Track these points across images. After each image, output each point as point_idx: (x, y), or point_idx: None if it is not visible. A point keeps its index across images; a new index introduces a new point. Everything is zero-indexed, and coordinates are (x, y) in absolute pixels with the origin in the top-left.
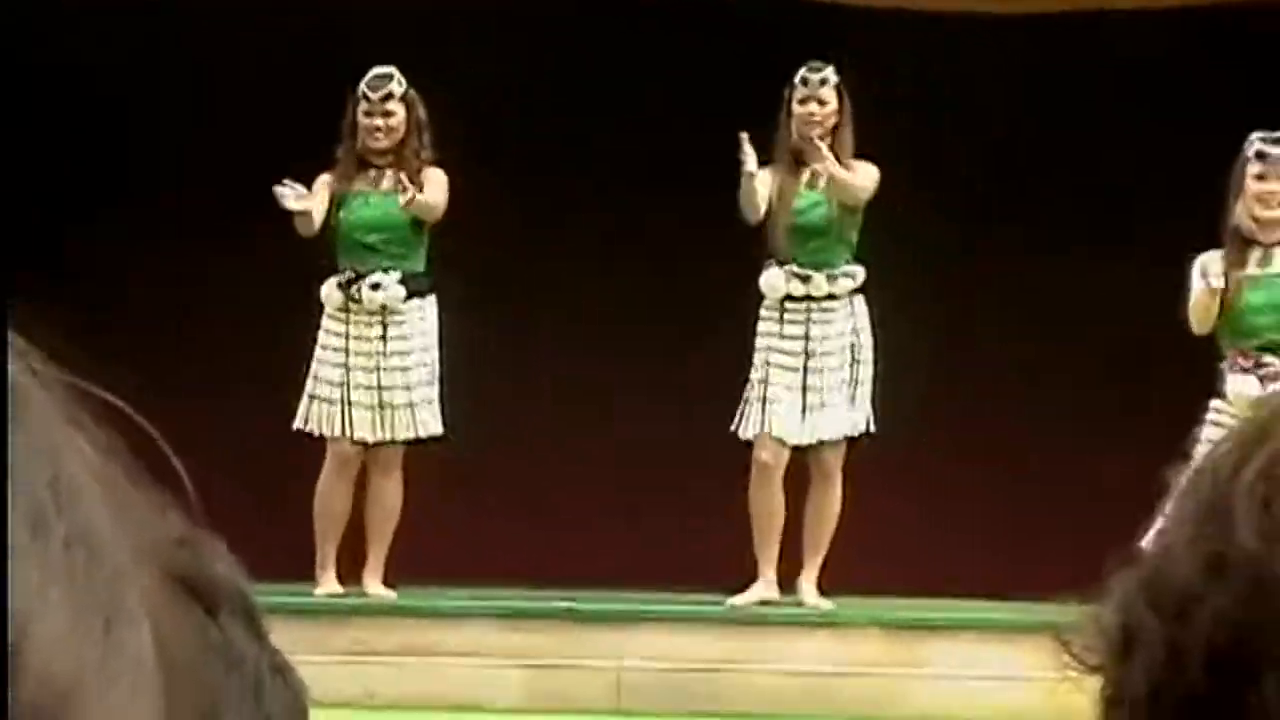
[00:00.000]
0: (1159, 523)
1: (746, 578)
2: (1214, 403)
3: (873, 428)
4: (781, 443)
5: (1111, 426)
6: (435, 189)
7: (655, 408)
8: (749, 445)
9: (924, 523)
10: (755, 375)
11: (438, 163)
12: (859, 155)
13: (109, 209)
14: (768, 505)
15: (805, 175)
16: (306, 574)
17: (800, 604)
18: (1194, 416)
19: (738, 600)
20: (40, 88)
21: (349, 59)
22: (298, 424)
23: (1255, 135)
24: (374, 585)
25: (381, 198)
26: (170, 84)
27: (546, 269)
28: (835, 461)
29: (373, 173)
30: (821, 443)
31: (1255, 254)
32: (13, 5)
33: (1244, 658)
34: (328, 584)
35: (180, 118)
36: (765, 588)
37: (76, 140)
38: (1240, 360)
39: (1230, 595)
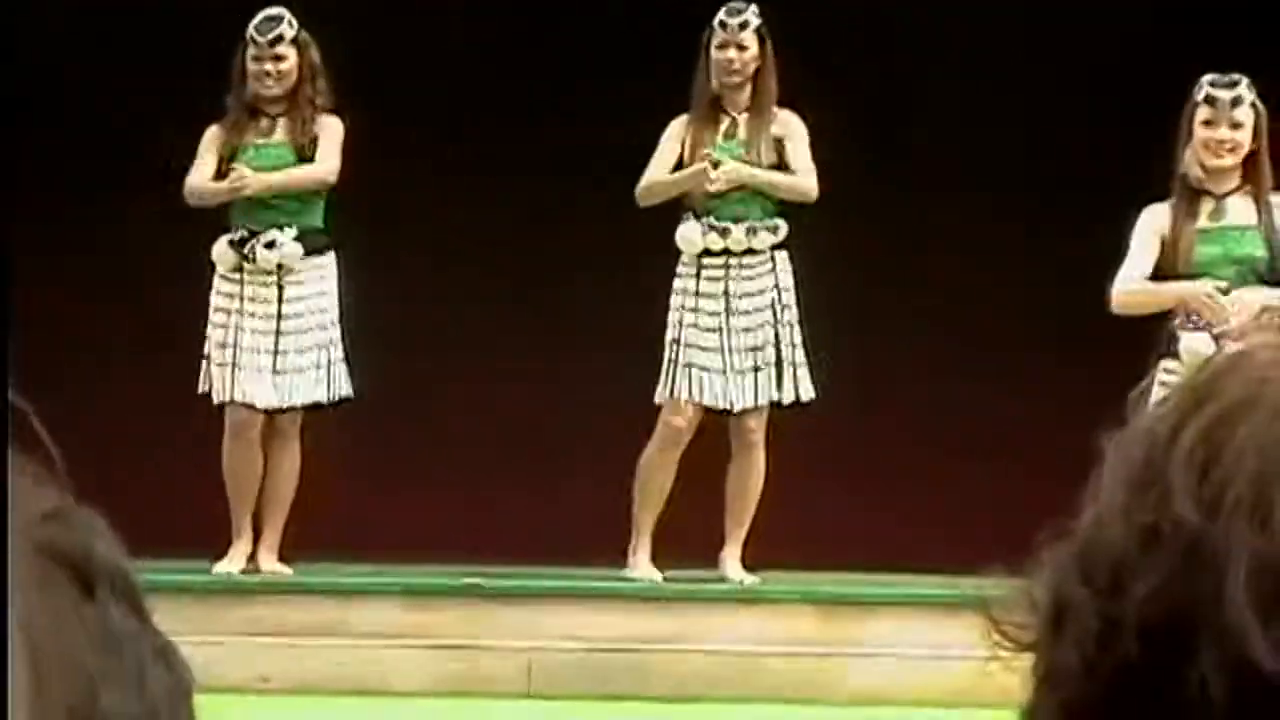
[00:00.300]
0: (1092, 494)
1: (669, 551)
2: (1165, 364)
3: (804, 396)
4: (700, 408)
5: (1056, 395)
6: (328, 145)
7: (570, 371)
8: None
9: (854, 495)
10: (670, 335)
11: (335, 110)
12: (783, 104)
13: None
14: (665, 474)
15: (724, 124)
16: (203, 548)
17: (724, 579)
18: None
19: (634, 572)
20: None
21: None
22: (201, 387)
23: (1205, 78)
24: (269, 561)
25: (276, 149)
26: (45, 29)
27: (454, 224)
28: (758, 429)
29: (265, 122)
30: (743, 409)
31: (1207, 206)
32: None
33: (1179, 632)
34: (238, 556)
35: (52, 58)
36: (646, 564)
37: None
38: (1193, 318)
39: (1165, 568)
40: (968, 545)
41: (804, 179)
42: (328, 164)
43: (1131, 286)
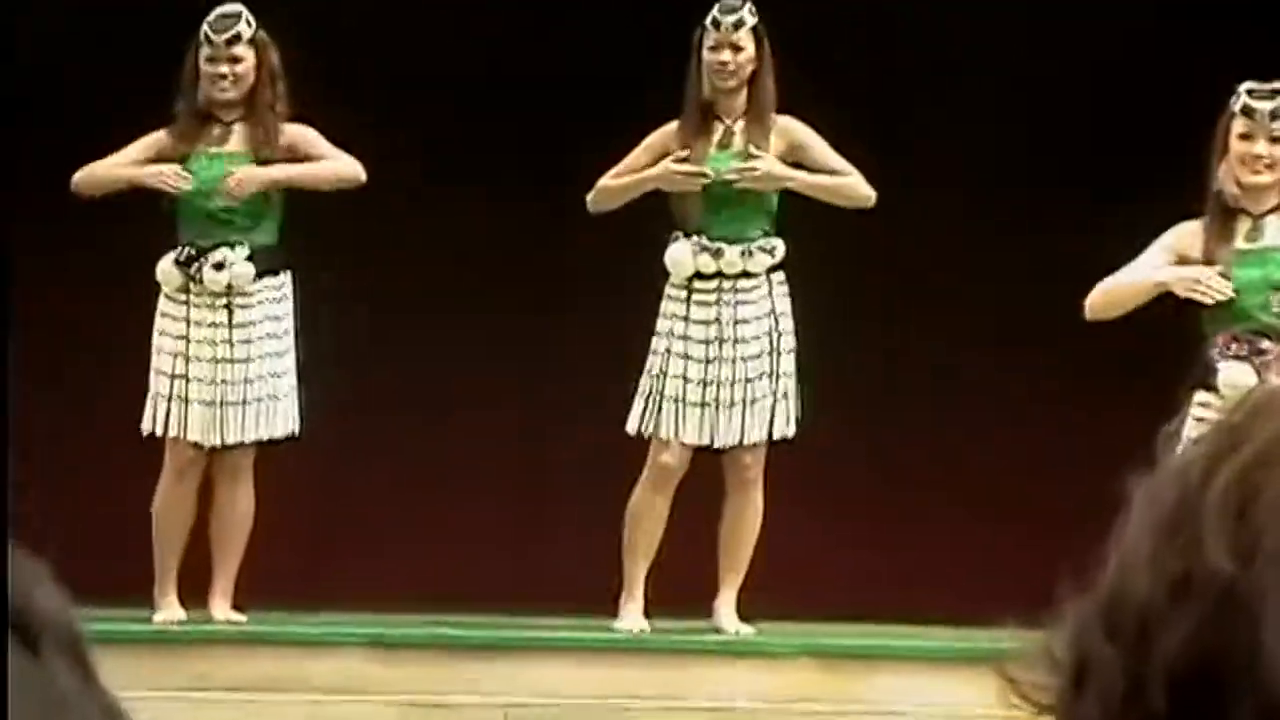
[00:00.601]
0: (1118, 541)
1: (657, 599)
2: (1199, 395)
3: (790, 430)
4: (686, 445)
5: (1078, 434)
6: (324, 146)
7: (552, 402)
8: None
9: (860, 538)
10: (655, 365)
11: (297, 118)
12: (783, 110)
13: None
14: (656, 517)
15: (718, 133)
16: (149, 596)
17: (718, 630)
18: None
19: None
20: None
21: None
22: (145, 426)
23: (1242, 87)
24: (221, 609)
25: (231, 159)
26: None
27: (425, 243)
28: (755, 467)
29: (218, 129)
30: (738, 446)
31: (1244, 225)
32: None
33: (1211, 685)
34: (169, 609)
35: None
36: (636, 614)
37: None
38: (1233, 346)
39: (1196, 618)
40: (983, 596)
41: (857, 180)
42: (350, 162)
43: (1104, 283)
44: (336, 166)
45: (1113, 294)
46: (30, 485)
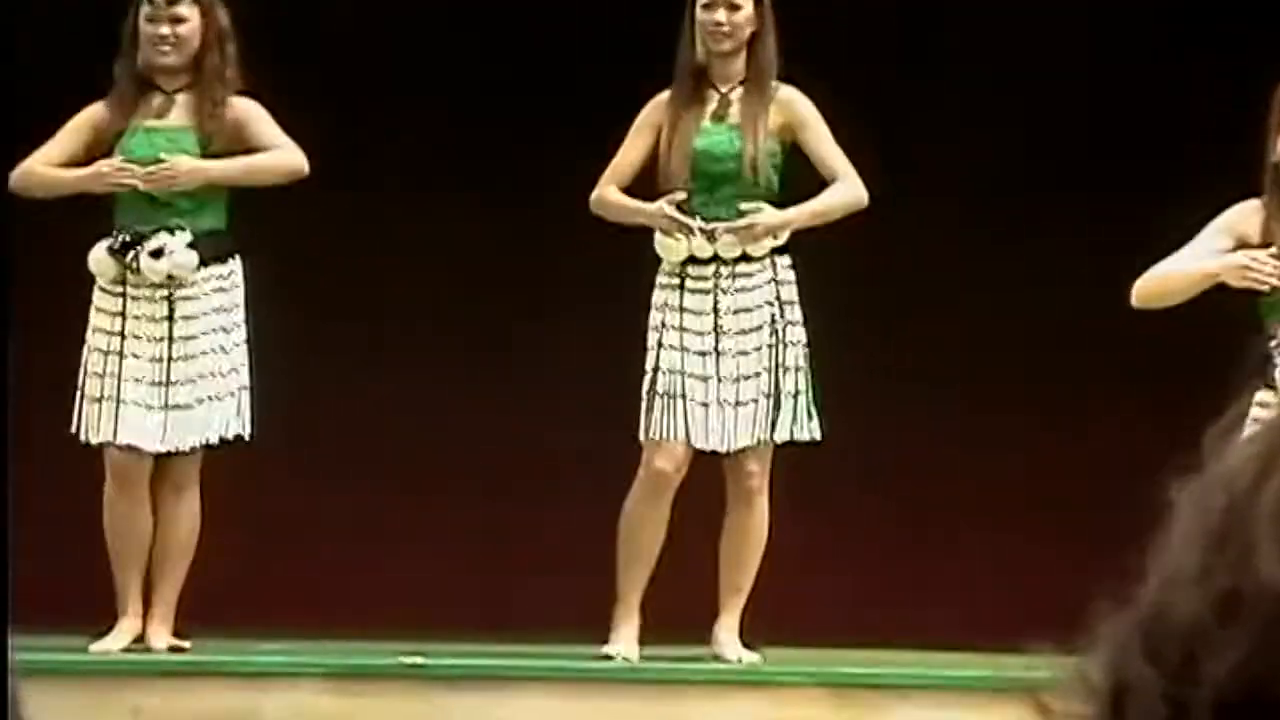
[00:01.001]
0: (1159, 553)
1: (650, 624)
2: (1260, 395)
3: (815, 433)
4: (689, 447)
5: (1114, 438)
6: (271, 130)
7: (535, 404)
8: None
9: (875, 555)
10: (649, 361)
11: (248, 91)
12: (786, 79)
13: None
14: (653, 529)
15: (712, 102)
16: (85, 621)
17: (718, 658)
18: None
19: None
20: None
21: None
22: (83, 435)
23: None
24: (161, 636)
25: (172, 134)
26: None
27: (386, 229)
28: (759, 473)
29: (158, 100)
30: (741, 449)
31: None
32: None
33: (1264, 713)
34: (124, 633)
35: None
36: (630, 639)
37: None
38: None
39: (1247, 640)
40: (1012, 619)
41: (852, 185)
42: (293, 151)
43: (1154, 270)
44: (280, 160)
45: (1163, 283)
46: None
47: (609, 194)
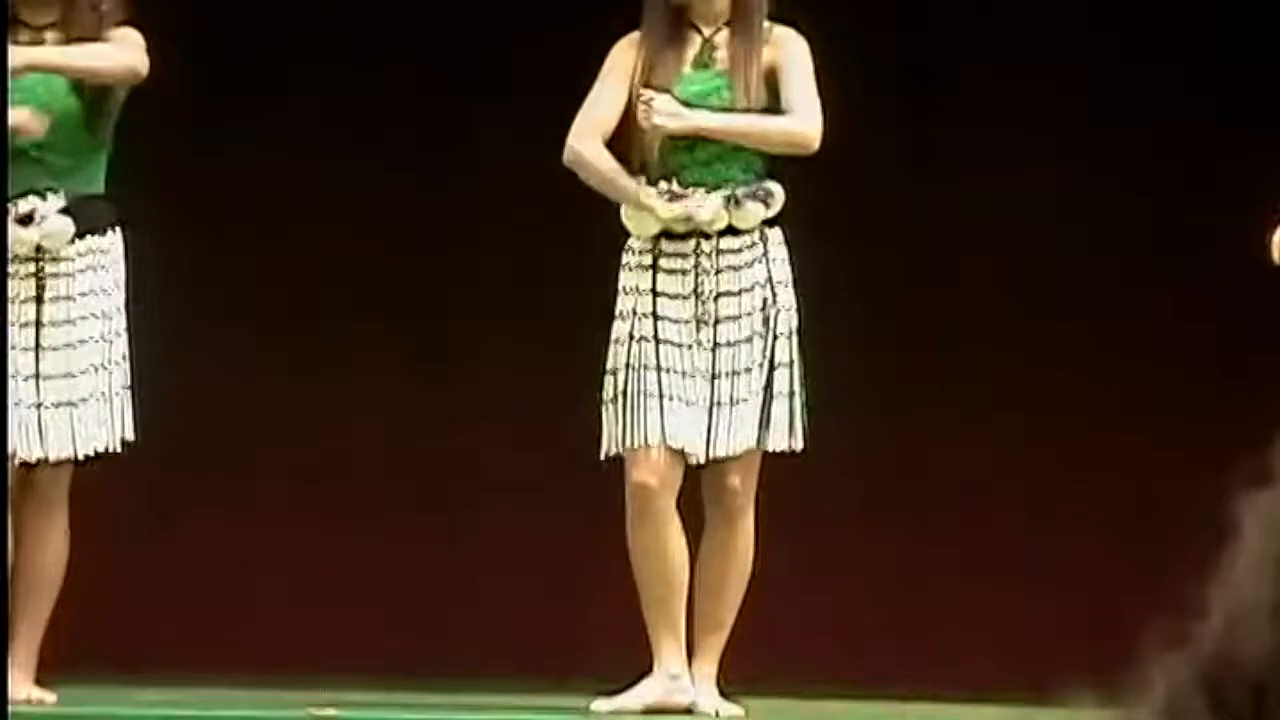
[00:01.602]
0: (1222, 582)
1: (631, 667)
2: None
3: (799, 442)
4: (674, 452)
5: (1160, 451)
6: (124, 44)
7: (472, 400)
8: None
9: (873, 587)
10: (616, 357)
11: (127, 23)
12: (779, 18)
13: None
14: (660, 551)
15: (693, 46)
16: None
17: (690, 711)
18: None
19: (603, 706)
20: None
21: None
22: None
23: None
24: (23, 685)
25: (41, 81)
26: None
27: (298, 195)
28: (743, 488)
29: (26, 36)
30: (723, 459)
31: None
32: None
33: None
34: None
35: None
36: (665, 683)
37: None
38: None
39: None
40: (1036, 662)
41: (799, 121)
42: (132, 54)
43: None
44: (114, 55)
45: None
46: None
47: (589, 150)
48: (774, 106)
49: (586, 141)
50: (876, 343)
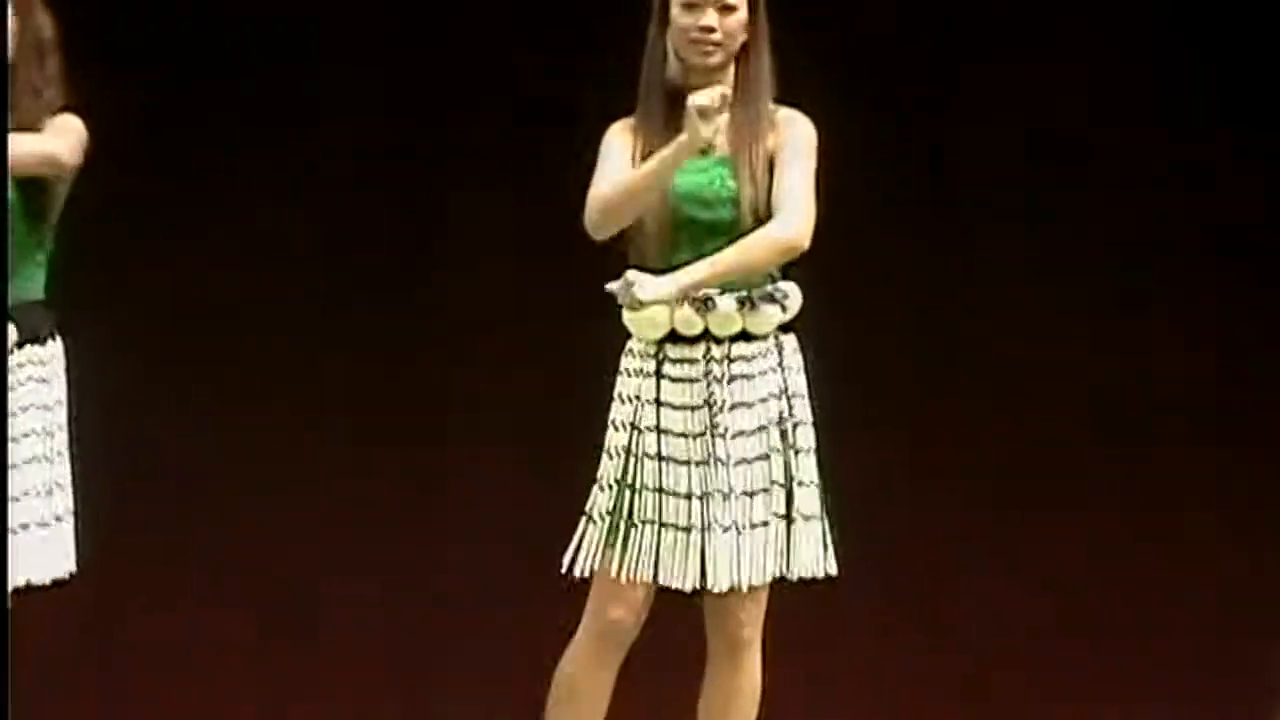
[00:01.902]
0: None
1: None
2: None
3: (832, 567)
4: (651, 588)
5: (1192, 562)
6: (58, 131)
7: (436, 522)
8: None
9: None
10: (606, 472)
11: (73, 108)
12: (786, 100)
13: None
14: (597, 694)
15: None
16: None
17: None
18: None
19: None
20: None
21: None
22: None
23: None
24: None
25: None
26: None
27: (241, 296)
28: (750, 621)
29: None
30: (728, 590)
31: None
32: None
33: None
34: None
35: None
36: None
37: None
38: None
39: None
40: None
41: (783, 225)
42: (60, 140)
43: None
44: (39, 143)
45: None
46: None
47: (607, 185)
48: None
49: (595, 192)
50: (894, 450)
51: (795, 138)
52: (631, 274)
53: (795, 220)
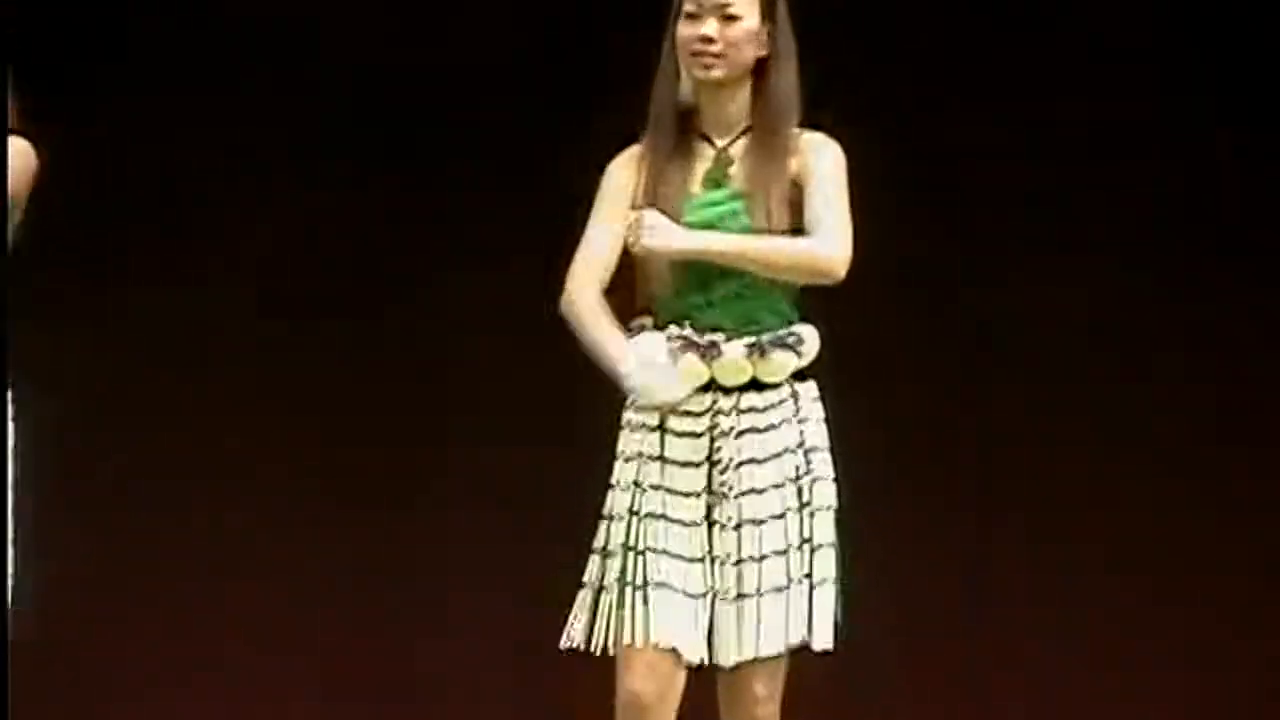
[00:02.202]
0: None
1: None
2: None
3: (825, 640)
4: (678, 658)
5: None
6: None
7: (415, 605)
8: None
9: None
10: (607, 536)
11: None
12: (811, 124)
13: None
14: None
15: (704, 160)
16: None
17: None
18: None
19: None
20: None
21: None
22: None
23: None
24: None
25: None
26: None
27: (200, 348)
28: (772, 694)
29: None
30: (744, 664)
31: None
32: None
33: None
34: None
35: None
36: None
37: None
38: None
39: None
40: None
41: (821, 244)
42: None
43: None
44: None
45: None
46: None
47: (584, 302)
48: (800, 228)
49: (586, 292)
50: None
51: (821, 163)
52: (649, 214)
53: (836, 243)
